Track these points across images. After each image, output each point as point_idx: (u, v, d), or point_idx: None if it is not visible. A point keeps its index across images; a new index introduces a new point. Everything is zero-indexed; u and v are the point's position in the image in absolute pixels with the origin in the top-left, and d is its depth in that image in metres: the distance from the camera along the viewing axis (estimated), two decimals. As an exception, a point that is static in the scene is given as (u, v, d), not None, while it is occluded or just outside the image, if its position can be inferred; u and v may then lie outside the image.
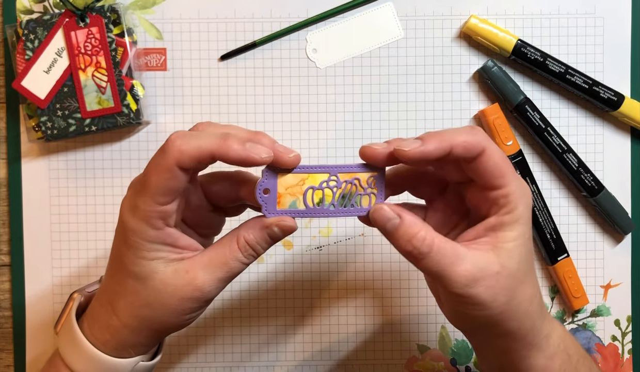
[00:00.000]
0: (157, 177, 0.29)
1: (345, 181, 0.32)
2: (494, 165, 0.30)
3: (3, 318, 0.46)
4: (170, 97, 0.45)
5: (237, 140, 0.29)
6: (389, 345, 0.46)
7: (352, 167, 0.32)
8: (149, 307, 0.31)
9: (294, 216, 0.31)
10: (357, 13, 0.45)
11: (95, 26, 0.42)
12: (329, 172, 0.32)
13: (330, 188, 0.32)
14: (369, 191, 0.32)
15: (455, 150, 0.30)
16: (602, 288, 0.46)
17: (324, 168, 0.31)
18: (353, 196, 0.32)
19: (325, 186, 0.32)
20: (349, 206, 0.32)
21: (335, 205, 0.32)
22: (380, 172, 0.32)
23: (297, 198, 0.31)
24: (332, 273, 0.46)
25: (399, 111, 0.45)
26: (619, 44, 0.45)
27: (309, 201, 0.31)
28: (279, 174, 0.31)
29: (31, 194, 0.45)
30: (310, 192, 0.31)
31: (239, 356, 0.46)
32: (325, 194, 0.32)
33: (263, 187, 0.31)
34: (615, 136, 0.46)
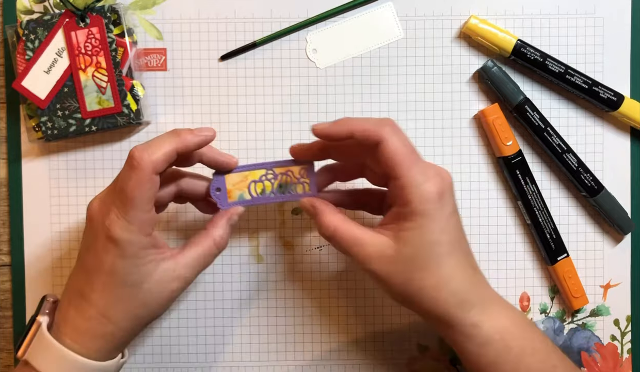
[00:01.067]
0: (140, 190, 0.33)
1: (281, 173, 0.39)
2: (390, 156, 0.34)
3: (3, 318, 0.46)
4: (170, 97, 0.45)
5: (187, 131, 0.36)
6: (389, 345, 0.46)
7: (285, 162, 0.39)
8: (144, 307, 0.36)
9: (243, 205, 0.39)
10: (357, 13, 0.45)
11: (95, 26, 0.42)
12: (266, 168, 0.39)
13: (269, 180, 0.39)
14: (302, 181, 0.39)
15: (355, 135, 0.35)
16: (601, 288, 0.46)
17: (262, 165, 0.39)
18: (289, 185, 0.39)
19: (264, 178, 0.39)
20: (286, 193, 0.39)
21: (275, 193, 0.39)
22: (308, 165, 0.39)
23: (243, 191, 0.39)
24: (332, 273, 0.46)
25: (399, 111, 0.45)
26: (619, 44, 0.45)
27: (252, 192, 0.39)
28: (225, 175, 0.39)
29: (31, 194, 0.45)
30: (252, 185, 0.39)
31: (239, 356, 0.46)
32: (265, 186, 0.39)
33: (215, 186, 0.39)
34: (615, 136, 0.46)
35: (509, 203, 0.46)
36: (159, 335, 0.45)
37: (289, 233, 0.46)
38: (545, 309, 0.46)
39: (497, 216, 0.46)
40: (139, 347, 0.45)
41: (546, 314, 0.46)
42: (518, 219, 0.46)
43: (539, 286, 0.46)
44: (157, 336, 0.45)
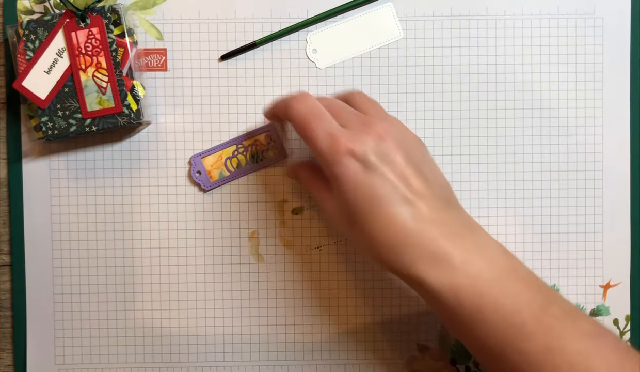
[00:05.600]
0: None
1: (250, 145, 0.42)
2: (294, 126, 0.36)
3: (3, 318, 0.46)
4: (170, 98, 0.45)
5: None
6: (389, 345, 0.46)
7: (250, 133, 0.42)
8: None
9: (224, 183, 0.43)
10: (357, 13, 0.45)
11: (95, 27, 0.42)
12: (235, 143, 0.42)
13: (242, 153, 0.42)
14: (270, 145, 0.43)
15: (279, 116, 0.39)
16: (601, 288, 0.46)
17: (232, 141, 0.42)
18: (260, 153, 0.42)
19: (237, 153, 0.42)
20: (259, 161, 0.42)
21: (249, 163, 0.42)
22: (271, 129, 0.42)
23: (221, 169, 0.42)
24: (332, 273, 0.46)
25: (398, 111, 0.45)
26: (619, 44, 0.45)
27: (229, 167, 0.42)
28: (202, 158, 0.42)
29: (32, 194, 0.45)
30: (228, 161, 0.42)
31: (239, 356, 0.46)
32: (239, 159, 0.42)
33: (195, 170, 0.42)
34: (615, 136, 0.46)
35: (509, 203, 0.46)
36: (159, 335, 0.45)
37: (289, 233, 0.46)
38: (545, 309, 0.46)
39: (497, 216, 0.46)
40: (139, 346, 0.45)
41: (546, 314, 0.46)
42: (518, 219, 0.46)
43: (538, 286, 0.46)
44: (157, 336, 0.45)
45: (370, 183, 0.33)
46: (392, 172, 0.34)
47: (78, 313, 0.45)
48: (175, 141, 0.45)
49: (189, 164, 0.43)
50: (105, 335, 0.45)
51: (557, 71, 0.45)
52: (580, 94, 0.45)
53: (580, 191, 0.46)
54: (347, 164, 0.34)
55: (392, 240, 0.33)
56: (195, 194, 0.45)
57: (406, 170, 0.34)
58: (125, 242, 0.45)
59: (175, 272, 0.45)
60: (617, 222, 0.46)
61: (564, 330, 0.31)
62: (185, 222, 0.45)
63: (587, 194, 0.46)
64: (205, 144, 0.45)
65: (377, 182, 0.34)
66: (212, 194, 0.45)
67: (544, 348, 0.31)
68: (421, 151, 0.37)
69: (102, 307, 0.45)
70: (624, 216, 0.46)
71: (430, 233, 0.33)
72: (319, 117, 0.36)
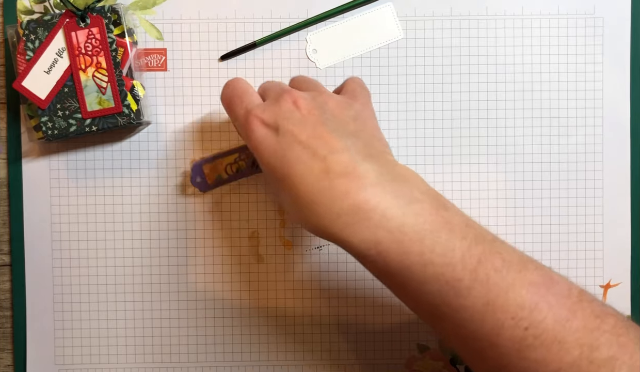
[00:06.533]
0: None
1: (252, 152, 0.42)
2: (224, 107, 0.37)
3: (3, 318, 0.46)
4: (170, 98, 0.45)
5: None
6: (388, 344, 0.46)
7: None
8: None
9: (221, 185, 0.43)
10: (357, 13, 0.45)
11: (95, 27, 0.42)
12: (239, 152, 0.43)
13: (243, 160, 0.43)
14: None
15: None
16: (601, 288, 0.46)
17: (235, 150, 0.43)
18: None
19: (238, 160, 0.43)
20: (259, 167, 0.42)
21: (249, 168, 0.43)
22: None
23: (220, 173, 0.43)
24: (332, 273, 0.46)
25: (398, 111, 0.45)
26: (619, 44, 0.45)
27: (228, 171, 0.43)
28: (203, 164, 0.43)
29: (32, 194, 0.45)
30: (228, 167, 0.43)
31: (239, 356, 0.46)
32: (239, 165, 0.43)
33: (195, 176, 0.43)
34: (615, 136, 0.46)
35: (509, 203, 0.46)
36: (158, 335, 0.45)
37: (289, 233, 0.46)
38: (545, 309, 0.46)
39: (497, 216, 0.46)
40: (139, 346, 0.45)
41: (546, 314, 0.46)
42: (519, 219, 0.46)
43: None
44: (157, 336, 0.45)
45: (281, 146, 0.33)
46: (303, 133, 0.33)
47: (78, 313, 0.45)
48: (175, 141, 0.45)
49: (190, 170, 0.43)
50: (105, 335, 0.45)
51: (557, 71, 0.45)
52: (580, 94, 0.45)
53: (580, 191, 0.46)
54: (258, 132, 0.34)
55: (308, 199, 0.31)
56: (196, 194, 0.45)
57: (318, 129, 0.33)
58: (125, 242, 0.45)
59: (175, 272, 0.45)
60: (617, 222, 0.46)
61: (505, 281, 0.29)
62: (185, 222, 0.45)
63: (587, 194, 0.46)
64: (205, 144, 0.45)
65: (287, 144, 0.33)
66: (212, 194, 0.45)
67: (483, 303, 0.29)
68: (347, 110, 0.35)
69: (102, 307, 0.45)
70: (624, 216, 0.46)
71: (342, 187, 0.30)
72: (241, 96, 0.36)
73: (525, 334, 0.29)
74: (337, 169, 0.31)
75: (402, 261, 0.30)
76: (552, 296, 0.29)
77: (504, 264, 0.30)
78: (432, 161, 0.45)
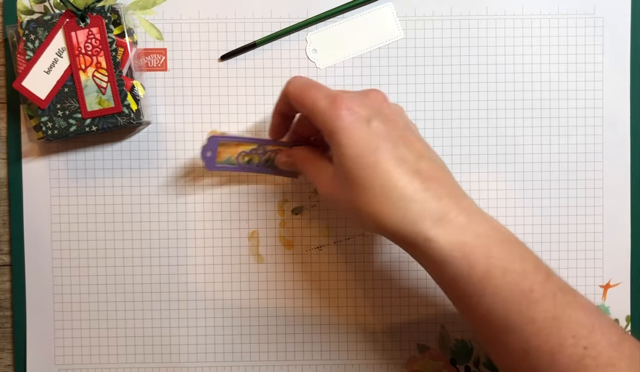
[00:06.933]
0: None
1: (270, 151, 0.41)
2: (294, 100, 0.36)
3: (3, 318, 0.46)
4: (170, 97, 0.45)
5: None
6: (388, 345, 0.46)
7: (278, 142, 0.41)
8: None
9: (228, 170, 0.42)
10: (357, 13, 0.45)
11: (95, 26, 0.42)
12: (259, 143, 0.41)
13: (258, 154, 0.41)
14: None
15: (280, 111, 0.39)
16: (601, 288, 0.46)
17: (255, 140, 0.41)
18: (275, 160, 0.41)
19: (254, 152, 0.41)
20: (271, 167, 0.42)
21: (260, 165, 0.42)
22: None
23: (231, 156, 0.41)
24: (332, 273, 0.46)
25: (398, 111, 0.45)
26: (619, 44, 0.45)
27: (240, 160, 0.41)
28: (220, 141, 0.41)
29: (32, 194, 0.45)
30: (242, 154, 0.41)
31: (239, 356, 0.46)
32: (252, 158, 0.41)
33: (207, 149, 0.40)
34: (615, 136, 0.46)
35: (509, 203, 0.46)
36: (158, 335, 0.45)
37: (289, 233, 0.46)
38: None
39: (497, 216, 0.46)
40: (139, 346, 0.45)
41: (546, 314, 0.46)
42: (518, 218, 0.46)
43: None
44: (157, 336, 0.45)
45: (370, 136, 0.33)
46: (394, 130, 0.34)
47: (78, 313, 0.45)
48: (175, 141, 0.45)
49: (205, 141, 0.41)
50: (105, 335, 0.45)
51: (557, 71, 0.45)
52: (580, 94, 0.45)
53: (580, 191, 0.46)
54: (347, 117, 0.33)
55: (394, 196, 0.31)
56: (196, 194, 0.45)
57: (405, 131, 0.34)
58: (125, 242, 0.45)
59: (175, 272, 0.45)
60: (617, 222, 0.46)
61: (566, 300, 0.30)
62: (185, 222, 0.45)
63: (587, 194, 0.46)
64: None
65: (378, 136, 0.33)
66: (212, 194, 0.45)
67: (551, 317, 0.30)
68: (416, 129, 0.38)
69: (102, 307, 0.45)
70: (624, 216, 0.46)
71: (434, 190, 0.32)
72: (318, 86, 0.36)
73: (584, 353, 0.30)
74: (428, 173, 0.33)
75: (485, 265, 0.30)
76: (605, 321, 0.31)
77: (562, 285, 0.31)
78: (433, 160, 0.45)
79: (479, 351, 0.46)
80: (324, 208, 0.46)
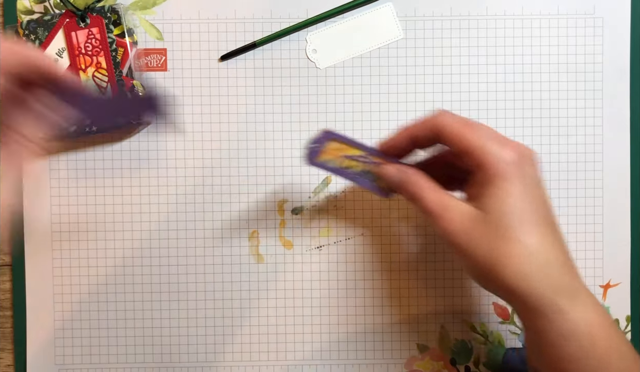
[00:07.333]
0: None
1: (374, 162, 0.38)
2: (459, 136, 0.34)
3: (3, 318, 0.46)
4: (170, 98, 0.45)
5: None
6: (388, 345, 0.46)
7: (385, 156, 0.38)
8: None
9: (325, 170, 0.38)
10: (357, 13, 0.45)
11: (95, 27, 0.42)
12: (366, 151, 0.38)
13: (360, 162, 0.38)
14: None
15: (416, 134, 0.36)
16: (601, 288, 0.46)
17: (365, 147, 0.38)
18: (371, 173, 0.38)
19: (358, 158, 0.38)
20: (364, 179, 0.39)
21: (354, 173, 0.39)
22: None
23: (333, 158, 0.38)
24: (332, 273, 0.46)
25: (398, 111, 0.45)
26: (619, 44, 0.45)
27: (340, 163, 0.38)
28: (332, 137, 0.38)
29: (31, 194, 0.45)
30: (344, 158, 0.38)
31: (239, 356, 0.46)
32: (353, 164, 0.38)
33: (315, 141, 0.38)
34: (615, 136, 0.46)
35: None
36: (158, 335, 0.45)
37: (289, 233, 0.46)
38: (545, 309, 0.46)
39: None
40: (139, 346, 0.45)
41: (546, 314, 0.46)
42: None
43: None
44: (157, 336, 0.45)
45: (538, 192, 0.33)
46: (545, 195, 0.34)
47: (78, 313, 0.45)
48: (175, 141, 0.45)
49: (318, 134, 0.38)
50: (105, 335, 0.45)
51: (557, 71, 0.45)
52: (580, 94, 0.45)
53: (580, 191, 0.46)
54: (520, 167, 0.33)
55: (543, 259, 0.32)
56: (195, 194, 0.45)
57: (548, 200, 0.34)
58: (125, 242, 0.45)
59: (175, 272, 0.45)
60: (617, 222, 0.46)
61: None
62: (185, 222, 0.45)
63: (587, 194, 0.46)
64: (206, 144, 0.45)
65: (543, 195, 0.33)
66: (212, 194, 0.45)
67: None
68: None
69: (102, 307, 0.45)
70: (624, 216, 0.46)
71: (573, 264, 0.33)
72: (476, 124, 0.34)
73: None
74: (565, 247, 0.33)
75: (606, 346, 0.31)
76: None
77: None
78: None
79: (479, 351, 0.46)
80: (324, 208, 0.46)
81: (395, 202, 0.45)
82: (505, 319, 0.46)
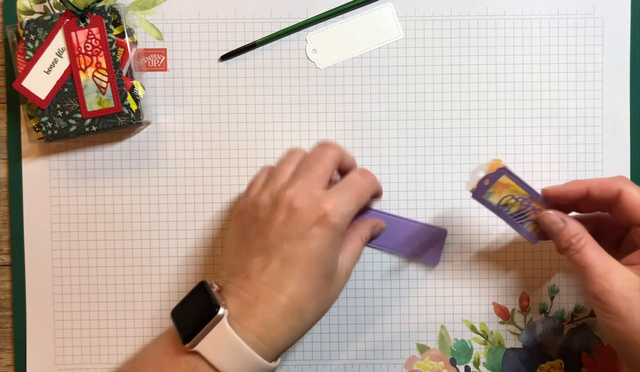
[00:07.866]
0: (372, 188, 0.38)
1: (533, 208, 0.39)
2: (633, 203, 0.35)
3: (3, 318, 0.46)
4: (170, 98, 0.45)
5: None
6: (388, 345, 0.46)
7: (547, 203, 0.39)
8: (328, 302, 0.36)
9: (485, 206, 0.39)
10: (357, 13, 0.45)
11: (95, 27, 0.42)
12: (531, 196, 0.38)
13: (519, 202, 0.38)
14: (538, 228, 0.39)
15: (592, 191, 0.37)
16: (601, 288, 0.46)
17: (530, 190, 0.38)
18: (528, 218, 0.39)
19: (521, 200, 0.38)
20: (518, 222, 0.39)
21: (508, 212, 0.39)
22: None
23: (497, 194, 0.38)
24: (332, 273, 0.46)
25: (398, 111, 0.45)
26: (619, 44, 0.45)
27: (501, 202, 0.38)
28: (504, 174, 0.38)
29: (32, 194, 0.45)
30: (507, 197, 0.38)
31: (239, 356, 0.46)
32: (513, 204, 0.38)
33: (488, 177, 0.38)
34: (615, 137, 0.46)
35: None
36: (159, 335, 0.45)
37: (289, 233, 0.46)
38: (545, 309, 0.46)
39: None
40: (139, 347, 0.45)
41: (546, 314, 0.46)
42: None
43: (538, 286, 0.46)
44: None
45: None
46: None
47: (78, 313, 0.45)
48: (175, 141, 0.45)
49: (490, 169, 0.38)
50: (105, 335, 0.45)
51: (557, 71, 0.45)
52: (580, 94, 0.45)
53: (580, 191, 0.46)
54: None
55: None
56: (195, 194, 0.45)
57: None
58: (125, 242, 0.45)
59: (175, 272, 0.45)
60: (617, 222, 0.46)
61: None
62: (185, 222, 0.45)
63: (587, 194, 0.46)
64: (205, 144, 0.45)
65: None
66: (212, 194, 0.45)
67: None
68: None
69: (102, 307, 0.45)
70: (624, 216, 0.46)
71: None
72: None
73: None
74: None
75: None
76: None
77: None
78: (432, 161, 0.45)
79: (479, 351, 0.46)
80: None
81: (395, 202, 0.45)
82: (505, 319, 0.46)
